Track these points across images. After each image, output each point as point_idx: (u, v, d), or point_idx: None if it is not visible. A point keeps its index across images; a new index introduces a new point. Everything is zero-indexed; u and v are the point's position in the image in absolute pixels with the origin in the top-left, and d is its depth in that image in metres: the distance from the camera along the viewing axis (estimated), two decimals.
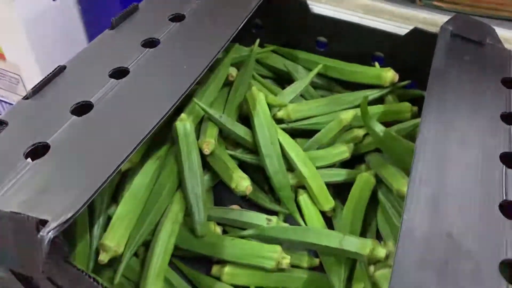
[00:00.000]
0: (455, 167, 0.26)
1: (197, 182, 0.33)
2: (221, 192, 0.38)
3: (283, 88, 0.43)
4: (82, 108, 0.28)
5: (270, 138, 0.36)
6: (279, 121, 0.38)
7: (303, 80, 0.40)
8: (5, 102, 0.62)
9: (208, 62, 0.31)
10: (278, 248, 0.32)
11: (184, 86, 0.29)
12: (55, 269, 0.21)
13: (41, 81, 0.30)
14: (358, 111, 0.38)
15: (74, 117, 0.27)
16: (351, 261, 0.32)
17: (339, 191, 0.38)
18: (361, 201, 0.35)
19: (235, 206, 0.37)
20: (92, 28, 0.58)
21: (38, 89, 0.29)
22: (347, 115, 0.37)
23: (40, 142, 0.25)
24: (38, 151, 0.25)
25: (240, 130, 0.37)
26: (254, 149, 0.37)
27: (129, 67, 0.31)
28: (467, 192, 0.25)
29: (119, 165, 0.23)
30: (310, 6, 0.42)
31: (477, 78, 0.32)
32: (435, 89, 0.31)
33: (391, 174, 0.35)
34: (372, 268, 0.31)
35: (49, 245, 0.20)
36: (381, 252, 0.30)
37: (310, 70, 0.43)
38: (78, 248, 0.30)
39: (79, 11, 0.56)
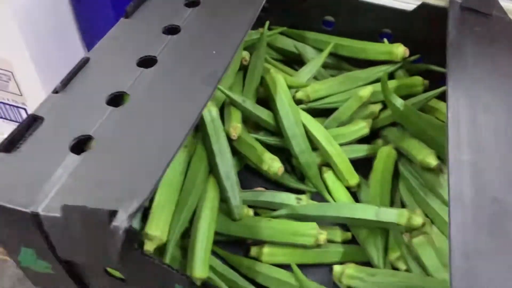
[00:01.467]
0: (488, 134, 0.27)
1: (229, 167, 0.33)
2: (240, 176, 0.38)
3: (294, 69, 0.44)
4: (117, 99, 0.28)
5: (294, 119, 0.36)
6: (298, 101, 0.39)
7: (316, 60, 0.41)
8: None
9: (235, 45, 0.31)
10: (314, 225, 0.32)
11: (218, 71, 0.29)
12: (127, 258, 0.21)
13: (68, 74, 0.29)
14: (375, 87, 0.39)
15: (111, 108, 0.27)
16: (384, 232, 0.33)
17: (357, 166, 0.39)
18: (386, 174, 0.36)
19: (260, 188, 0.37)
20: (84, 21, 0.57)
21: (66, 82, 0.29)
22: (365, 92, 0.38)
23: (83, 135, 0.25)
24: (83, 144, 0.25)
25: (263, 113, 0.37)
26: (275, 131, 0.38)
27: (156, 56, 0.30)
28: (504, 157, 0.26)
29: (176, 150, 0.23)
30: None
31: (490, 46, 0.34)
32: (455, 60, 0.32)
33: (413, 146, 0.36)
34: (406, 236, 0.32)
35: (124, 235, 0.20)
36: (418, 220, 0.31)
37: (319, 50, 0.44)
38: None
39: (71, 3, 0.54)
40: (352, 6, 0.42)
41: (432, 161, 0.34)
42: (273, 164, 0.34)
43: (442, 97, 0.39)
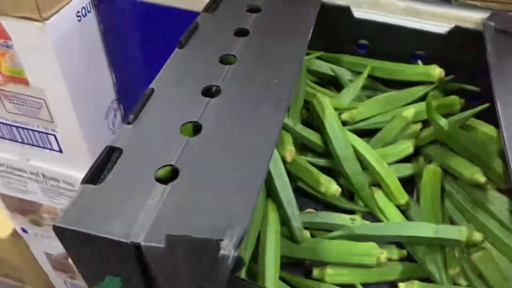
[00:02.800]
0: None
1: (287, 190, 0.34)
2: None
3: (330, 90, 0.45)
4: (191, 128, 0.28)
5: (344, 141, 0.37)
6: (343, 123, 0.40)
7: (356, 82, 0.42)
8: (23, 128, 0.60)
9: (295, 73, 0.32)
10: (374, 244, 0.33)
11: (284, 98, 0.30)
12: (230, 285, 0.21)
13: (137, 105, 0.30)
14: (417, 107, 0.40)
15: (187, 137, 0.27)
16: (442, 248, 0.34)
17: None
18: (435, 192, 0.37)
19: (311, 210, 0.38)
20: (112, 48, 0.58)
21: (137, 114, 0.29)
22: (409, 113, 0.39)
23: (166, 165, 0.26)
24: (167, 174, 0.26)
25: (313, 136, 0.38)
26: (324, 152, 0.39)
27: (219, 85, 0.31)
28: None
29: (264, 175, 0.24)
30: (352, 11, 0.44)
31: None
32: (500, 83, 0.34)
33: (460, 164, 0.37)
34: (465, 252, 0.33)
35: (232, 263, 0.20)
36: (478, 236, 0.32)
37: (355, 72, 0.45)
38: None
39: (100, 31, 0.56)
40: (386, 30, 0.44)
41: (481, 178, 0.35)
42: (330, 186, 0.35)
43: (479, 115, 0.40)
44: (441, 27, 0.43)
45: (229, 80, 0.32)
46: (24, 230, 0.82)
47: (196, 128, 0.28)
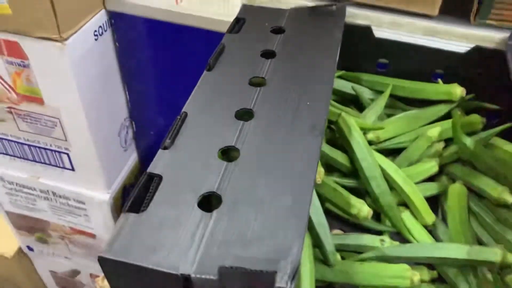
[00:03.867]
0: None
1: (319, 212, 0.34)
2: None
3: (351, 109, 0.45)
4: (228, 153, 0.28)
5: (372, 161, 0.37)
6: (368, 143, 0.40)
7: (379, 102, 0.42)
8: (35, 147, 0.59)
9: (327, 96, 0.32)
10: (406, 266, 0.33)
11: (320, 123, 0.30)
12: None
13: (172, 130, 0.30)
14: (440, 126, 0.41)
15: (225, 162, 0.27)
16: (474, 269, 0.34)
17: None
18: (462, 212, 0.37)
19: (338, 231, 0.38)
20: (127, 65, 0.57)
21: (173, 139, 0.29)
22: (434, 132, 0.40)
23: (208, 192, 0.25)
24: (209, 200, 0.25)
25: (339, 156, 0.38)
26: (350, 172, 0.39)
27: (251, 108, 0.31)
28: None
29: (310, 202, 0.24)
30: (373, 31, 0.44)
31: None
32: None
33: (486, 184, 0.37)
34: (498, 274, 0.33)
35: None
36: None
37: (375, 91, 0.45)
38: None
39: (115, 49, 0.55)
40: (406, 49, 0.44)
41: (509, 197, 0.35)
42: (362, 208, 0.34)
43: (501, 133, 0.41)
44: (461, 47, 0.43)
45: (260, 103, 0.32)
46: (30, 248, 0.81)
47: (233, 153, 0.28)
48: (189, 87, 0.57)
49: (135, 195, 0.26)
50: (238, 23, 0.41)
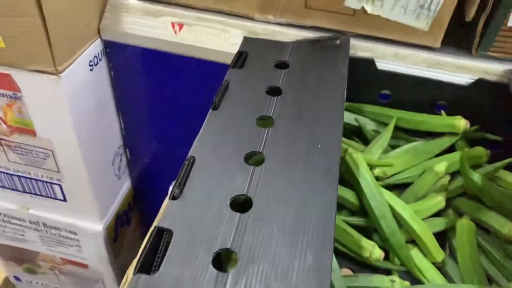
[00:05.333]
0: None
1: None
2: None
3: (353, 141, 0.45)
4: (240, 203, 0.27)
5: (381, 199, 0.36)
6: (376, 178, 0.39)
7: (383, 135, 0.42)
8: (25, 178, 0.57)
9: (338, 138, 0.31)
10: None
11: (334, 167, 0.29)
12: None
13: (180, 177, 0.29)
14: (446, 159, 0.40)
15: (238, 214, 0.26)
16: None
17: None
18: (472, 249, 0.37)
19: (347, 270, 0.37)
20: (121, 93, 0.56)
21: (182, 187, 0.28)
22: (441, 168, 0.39)
23: (222, 248, 0.24)
24: (223, 257, 0.24)
25: (347, 194, 0.37)
26: (357, 210, 0.38)
27: (261, 151, 0.30)
28: None
29: (331, 260, 0.23)
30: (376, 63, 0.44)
31: None
32: None
33: (495, 220, 0.37)
34: None
35: None
36: None
37: (378, 122, 0.45)
38: None
39: (110, 77, 0.54)
40: (408, 80, 0.44)
41: None
42: (374, 251, 0.34)
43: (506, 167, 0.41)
44: (464, 78, 0.43)
45: (270, 146, 0.31)
46: (17, 278, 0.78)
47: (246, 203, 0.27)
48: (184, 115, 0.56)
49: (145, 253, 0.24)
50: (241, 57, 0.40)
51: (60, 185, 0.56)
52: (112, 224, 0.64)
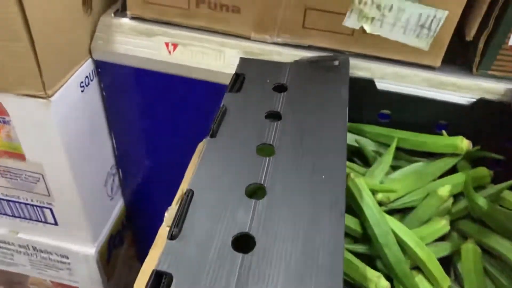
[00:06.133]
0: None
1: None
2: None
3: (354, 162, 0.44)
4: (242, 241, 0.26)
5: (385, 227, 0.35)
6: (379, 203, 0.38)
7: (384, 158, 0.41)
8: (14, 202, 0.55)
9: (342, 169, 0.30)
10: None
11: (339, 200, 0.28)
12: None
13: (179, 213, 0.27)
14: (449, 182, 0.39)
15: (241, 254, 0.25)
16: None
17: None
18: (479, 275, 0.36)
19: None
20: (114, 112, 0.55)
21: (180, 225, 0.27)
22: (444, 191, 0.38)
23: None
24: None
25: (351, 221, 0.36)
26: (360, 237, 0.37)
27: (262, 183, 0.29)
28: None
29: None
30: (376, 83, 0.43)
31: None
32: None
33: (501, 245, 0.36)
34: None
35: None
36: None
37: (378, 142, 0.44)
38: None
39: (102, 97, 0.53)
40: (408, 100, 0.43)
41: None
42: (380, 283, 0.32)
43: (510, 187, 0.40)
44: (465, 98, 0.43)
45: (271, 176, 0.30)
46: None
47: (249, 241, 0.26)
48: (178, 135, 0.55)
49: None
50: (238, 80, 0.39)
51: (51, 209, 0.55)
52: (105, 246, 0.62)
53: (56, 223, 0.56)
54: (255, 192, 0.29)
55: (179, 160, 0.57)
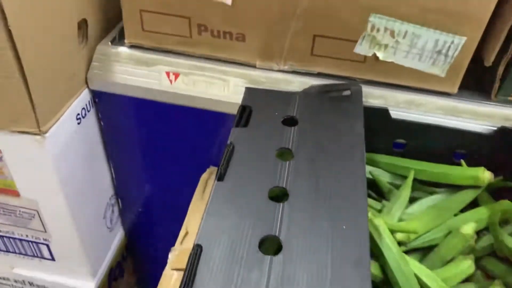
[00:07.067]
0: None
1: None
2: None
3: (368, 195, 0.41)
4: None
5: (406, 271, 0.33)
6: (398, 243, 0.36)
7: (402, 193, 0.39)
8: (9, 238, 0.52)
9: (364, 219, 0.27)
10: None
11: (364, 257, 0.25)
12: None
13: (187, 275, 0.25)
14: (474, 218, 0.37)
15: None
16: None
17: None
18: None
19: None
20: (112, 142, 0.52)
21: (190, 284, 0.24)
22: (468, 230, 0.36)
23: None
24: None
25: (371, 266, 0.34)
26: (380, 282, 0.34)
27: (276, 235, 0.27)
28: None
29: None
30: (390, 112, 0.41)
31: None
32: None
33: None
34: None
35: None
36: None
37: (393, 173, 0.42)
38: None
39: (100, 128, 0.50)
40: (424, 129, 0.41)
41: None
42: None
43: None
44: (484, 126, 0.40)
45: (287, 228, 0.27)
46: None
47: None
48: (180, 164, 0.53)
49: None
50: (244, 113, 0.37)
51: (47, 245, 0.52)
52: (105, 280, 0.59)
53: (53, 259, 0.54)
54: (269, 245, 0.27)
55: (180, 188, 0.54)
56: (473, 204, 0.40)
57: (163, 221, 0.62)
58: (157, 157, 0.52)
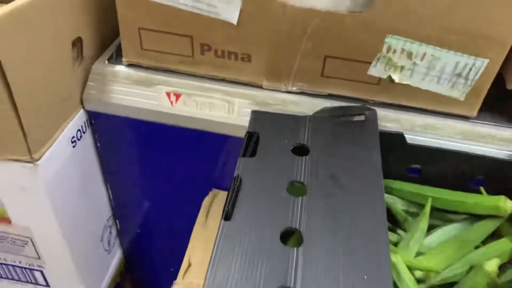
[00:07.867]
0: None
1: None
2: None
3: None
4: None
5: None
6: (417, 281, 0.33)
7: (419, 226, 0.36)
8: (1, 264, 0.50)
9: (386, 267, 0.25)
10: None
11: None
12: None
13: None
14: (497, 252, 0.35)
15: None
16: None
17: None
18: None
19: None
20: (109, 163, 0.50)
21: None
22: (492, 266, 0.33)
23: None
24: None
25: None
26: None
27: (293, 286, 0.24)
28: None
29: None
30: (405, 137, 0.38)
31: None
32: None
33: None
34: None
35: None
36: None
37: (408, 200, 0.39)
38: None
39: (97, 150, 0.48)
40: (441, 154, 0.38)
41: None
42: None
43: None
44: (503, 151, 0.38)
45: (302, 275, 0.25)
46: None
47: None
48: (181, 186, 0.50)
49: None
50: (251, 140, 0.34)
51: (41, 271, 0.49)
52: None
53: (47, 285, 0.51)
54: None
55: (180, 210, 0.52)
56: (494, 233, 0.38)
57: (162, 241, 0.59)
58: (156, 179, 0.50)
